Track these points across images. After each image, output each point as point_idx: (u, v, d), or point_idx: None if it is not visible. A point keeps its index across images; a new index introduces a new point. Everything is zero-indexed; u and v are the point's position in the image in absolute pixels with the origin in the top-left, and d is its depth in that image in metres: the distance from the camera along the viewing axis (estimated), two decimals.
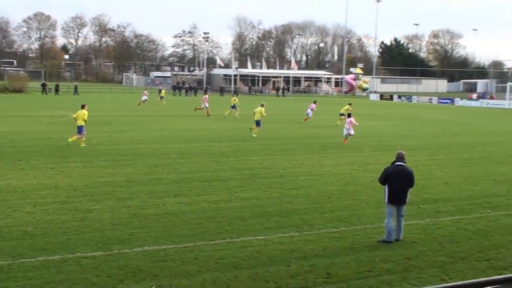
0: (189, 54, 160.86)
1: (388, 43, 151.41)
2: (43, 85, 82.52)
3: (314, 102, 46.24)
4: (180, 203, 16.01)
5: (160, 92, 66.77)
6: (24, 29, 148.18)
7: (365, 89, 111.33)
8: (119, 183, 18.48)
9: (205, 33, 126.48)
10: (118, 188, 17.76)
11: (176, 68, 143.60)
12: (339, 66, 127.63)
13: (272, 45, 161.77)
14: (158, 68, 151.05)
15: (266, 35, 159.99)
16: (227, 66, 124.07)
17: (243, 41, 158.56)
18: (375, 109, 62.57)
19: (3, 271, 10.40)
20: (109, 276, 10.32)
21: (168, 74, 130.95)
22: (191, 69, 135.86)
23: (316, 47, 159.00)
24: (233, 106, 47.00)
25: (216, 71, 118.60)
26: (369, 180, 19.89)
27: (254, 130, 33.02)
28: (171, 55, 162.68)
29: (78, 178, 19.03)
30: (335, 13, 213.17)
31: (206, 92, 57.71)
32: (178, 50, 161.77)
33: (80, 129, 26.44)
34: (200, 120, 43.81)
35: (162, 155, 24.83)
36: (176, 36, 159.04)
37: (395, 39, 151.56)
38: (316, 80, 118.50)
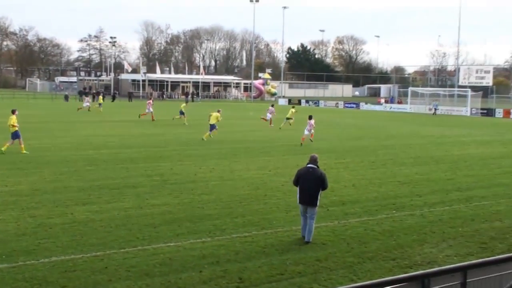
0: (96, 58, 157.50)
1: (295, 49, 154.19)
2: None
3: (272, 106, 48.58)
4: (88, 211, 15.61)
5: (98, 99, 64.56)
6: None
7: (273, 94, 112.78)
8: (24, 192, 17.80)
9: (112, 38, 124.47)
10: (23, 197, 17.11)
11: (82, 73, 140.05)
12: (247, 71, 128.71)
13: (180, 50, 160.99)
14: (63, 73, 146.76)
15: (175, 40, 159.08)
16: (135, 71, 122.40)
17: (151, 46, 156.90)
18: (284, 114, 63.40)
19: None
20: None
21: (74, 79, 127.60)
22: (98, 74, 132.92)
23: (224, 52, 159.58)
24: (181, 112, 47.58)
25: (124, 76, 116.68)
26: (279, 184, 20.16)
27: (206, 135, 34.38)
28: (77, 60, 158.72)
29: None
30: (243, 18, 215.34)
31: (150, 97, 57.67)
32: (84, 54, 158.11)
33: (15, 134, 26.31)
34: (108, 126, 42.94)
35: (69, 162, 24.14)
36: (81, 41, 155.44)
37: (302, 45, 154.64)
38: (225, 85, 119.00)
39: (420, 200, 18.15)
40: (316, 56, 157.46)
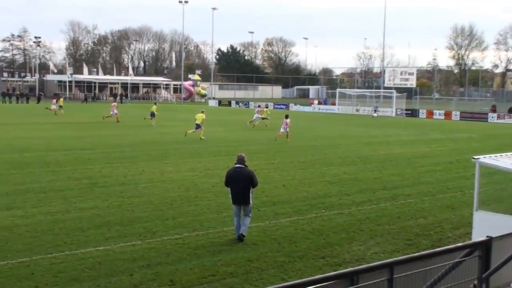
0: (20, 59, 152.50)
1: (225, 50, 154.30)
2: None
3: (259, 106, 51.11)
4: (13, 216, 15.13)
5: (57, 101, 62.23)
6: None
7: (203, 96, 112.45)
8: None
9: (36, 38, 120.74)
10: None
11: (5, 74, 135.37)
12: (177, 73, 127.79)
13: (108, 50, 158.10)
14: None
15: (102, 41, 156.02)
16: (61, 72, 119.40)
17: (78, 46, 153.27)
18: (214, 115, 63.36)
19: None
20: None
21: None
22: (22, 75, 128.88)
23: (153, 53, 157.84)
24: (152, 113, 47.84)
25: (49, 77, 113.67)
26: (210, 185, 20.13)
27: (191, 131, 36.84)
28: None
29: None
30: (172, 19, 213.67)
31: (115, 99, 56.53)
32: (7, 55, 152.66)
33: None
34: (33, 129, 41.72)
35: None
36: (4, 40, 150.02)
37: (232, 46, 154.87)
38: (155, 87, 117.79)
39: (348, 199, 18.52)
40: (246, 58, 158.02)
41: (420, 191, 20.18)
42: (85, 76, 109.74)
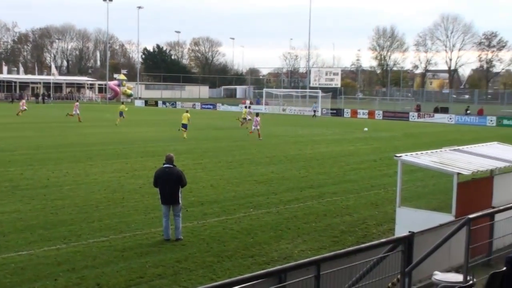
0: None
1: (151, 50, 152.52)
2: None
3: (248, 104, 52.26)
4: None
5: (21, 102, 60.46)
6: None
7: (129, 95, 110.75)
8: None
9: None
10: None
11: None
12: (102, 72, 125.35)
13: (29, 49, 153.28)
14: None
15: (23, 39, 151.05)
16: None
17: None
18: (141, 115, 62.62)
19: None
20: None
21: None
22: None
23: (77, 52, 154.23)
24: (121, 113, 49.29)
25: None
26: (137, 186, 19.89)
27: (184, 132, 37.79)
28: None
29: None
30: (96, 17, 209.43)
31: (77, 100, 59.11)
32: None
33: None
34: None
35: None
36: None
37: (158, 46, 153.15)
38: (79, 86, 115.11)
39: (276, 198, 18.69)
40: (173, 57, 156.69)
41: (346, 189, 20.61)
42: (4, 75, 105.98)
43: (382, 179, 22.98)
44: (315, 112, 71.70)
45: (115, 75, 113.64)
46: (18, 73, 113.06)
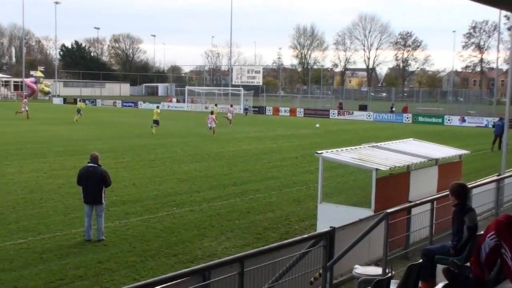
0: None
1: (70, 46, 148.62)
2: None
3: (232, 106, 55.43)
4: None
5: None
6: None
7: (47, 93, 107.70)
8: None
9: None
10: None
11: None
12: (18, 69, 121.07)
13: None
14: None
15: None
16: None
17: None
18: (59, 113, 60.93)
19: None
20: None
21: None
22: None
23: None
24: (78, 110, 50.21)
25: None
26: (56, 187, 19.37)
27: (154, 129, 39.88)
28: None
29: None
30: (10, 12, 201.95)
31: (26, 97, 58.38)
32: None
33: None
34: None
35: None
36: None
37: (77, 42, 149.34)
38: None
39: (199, 196, 18.65)
40: (92, 54, 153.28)
41: (268, 186, 20.79)
42: None
43: (304, 175, 23.33)
44: (247, 110, 71.96)
45: (32, 72, 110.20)
46: None
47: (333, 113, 69.21)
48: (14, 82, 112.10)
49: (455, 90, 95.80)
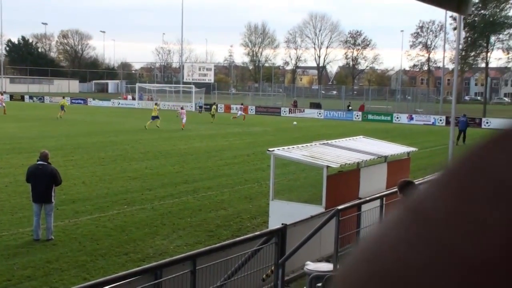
0: None
1: (16, 42, 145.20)
2: None
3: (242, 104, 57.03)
4: None
5: None
6: None
7: None
8: None
9: None
10: None
11: None
12: None
13: None
14: None
15: None
16: None
17: None
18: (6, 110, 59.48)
19: None
20: None
21: None
22: None
23: None
24: (62, 107, 51.33)
25: None
26: (3, 185, 18.92)
27: (148, 124, 42.33)
28: None
29: None
30: None
31: (2, 94, 59.84)
32: None
33: None
34: None
35: None
36: None
37: (23, 38, 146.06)
38: None
39: (150, 194, 18.52)
40: (40, 50, 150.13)
41: (220, 184, 20.79)
42: None
43: (256, 173, 23.41)
44: (200, 108, 71.25)
45: None
46: None
47: (285, 111, 69.62)
48: None
49: (403, 89, 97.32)
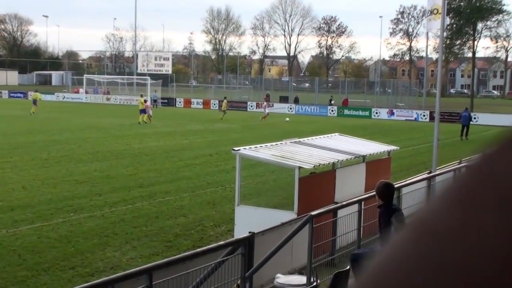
0: None
1: None
2: None
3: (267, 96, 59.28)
4: None
5: None
6: None
7: None
8: None
9: None
10: None
11: None
12: None
13: None
14: None
15: None
16: None
17: None
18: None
19: None
20: None
21: None
22: None
23: None
24: (34, 101, 55.24)
25: None
26: None
27: (140, 117, 45.66)
28: None
29: None
30: None
31: None
32: None
33: None
34: None
35: None
36: None
37: None
38: None
39: (100, 200, 18.35)
40: None
41: (179, 188, 20.71)
42: None
43: (219, 175, 23.37)
44: (155, 102, 70.09)
45: None
46: None
47: (252, 105, 69.72)
48: None
49: (382, 81, 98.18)
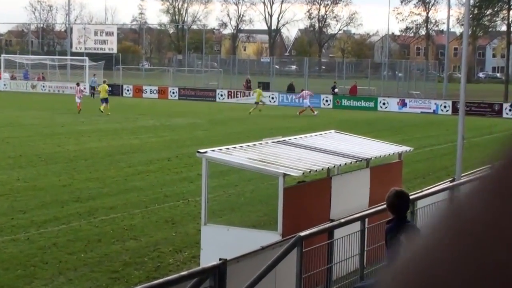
0: None
1: None
2: None
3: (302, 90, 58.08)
4: None
5: None
6: None
7: None
8: None
9: None
10: None
11: None
12: None
13: None
14: None
15: None
16: None
17: None
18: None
19: None
20: None
21: None
22: None
23: None
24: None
25: None
26: None
27: (102, 107, 49.36)
28: None
29: None
30: None
31: None
32: None
33: None
34: None
35: None
36: None
37: None
38: None
39: (25, 218, 18.29)
40: None
41: (128, 202, 20.68)
42: None
43: (181, 185, 23.39)
44: (93, 90, 68.73)
45: None
46: None
47: (222, 94, 69.63)
48: None
49: (392, 62, 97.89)
